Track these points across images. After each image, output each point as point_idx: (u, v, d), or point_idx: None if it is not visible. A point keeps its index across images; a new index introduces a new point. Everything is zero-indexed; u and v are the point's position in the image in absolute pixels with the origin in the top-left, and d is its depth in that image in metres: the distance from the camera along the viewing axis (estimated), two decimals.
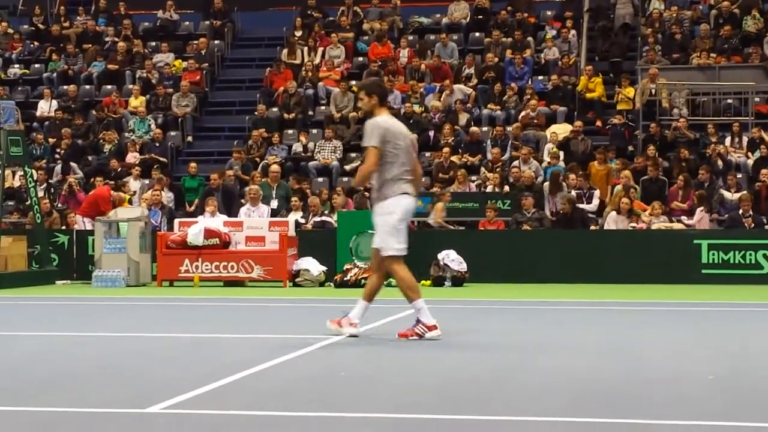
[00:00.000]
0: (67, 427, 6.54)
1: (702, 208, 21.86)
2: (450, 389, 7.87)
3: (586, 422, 6.63)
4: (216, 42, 31.18)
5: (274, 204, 21.99)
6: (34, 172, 22.41)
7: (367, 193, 21.35)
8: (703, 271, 20.22)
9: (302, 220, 21.74)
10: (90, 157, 26.97)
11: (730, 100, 26.25)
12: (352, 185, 11.28)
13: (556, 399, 7.43)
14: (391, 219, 10.59)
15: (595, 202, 22.90)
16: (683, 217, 22.08)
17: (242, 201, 22.90)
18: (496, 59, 28.09)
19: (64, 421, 6.69)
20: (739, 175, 23.50)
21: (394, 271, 10.62)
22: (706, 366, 9.02)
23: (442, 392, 7.74)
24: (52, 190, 25.26)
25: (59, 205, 24.57)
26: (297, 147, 26.52)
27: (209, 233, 19.85)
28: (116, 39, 31.08)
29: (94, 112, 28.53)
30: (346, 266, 19.69)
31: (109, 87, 29.22)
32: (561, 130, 25.54)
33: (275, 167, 23.16)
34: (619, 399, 7.47)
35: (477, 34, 30.04)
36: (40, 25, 32.58)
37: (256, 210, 21.59)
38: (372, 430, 6.46)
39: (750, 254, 20.19)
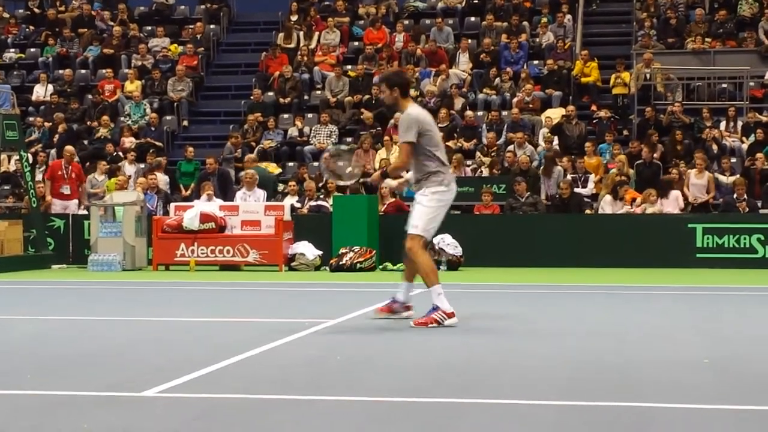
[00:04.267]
0: (63, 410, 6.57)
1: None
2: (446, 373, 7.90)
3: (580, 405, 6.66)
4: (211, 26, 31.18)
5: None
6: (29, 156, 22.41)
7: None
8: (698, 255, 20.25)
9: (298, 205, 21.77)
10: (85, 142, 26.96)
11: (724, 85, 26.28)
12: (388, 171, 11.05)
13: (551, 383, 7.46)
14: (435, 203, 10.48)
15: (590, 185, 22.94)
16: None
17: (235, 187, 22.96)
18: (493, 46, 28.08)
19: (60, 405, 6.71)
20: (734, 160, 23.54)
21: (416, 252, 10.46)
22: (700, 350, 9.06)
23: (438, 376, 7.77)
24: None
25: None
26: (292, 131, 26.54)
27: (205, 217, 19.87)
28: (112, 23, 31.09)
29: (89, 96, 28.53)
30: (342, 250, 19.72)
31: (104, 71, 29.20)
32: (555, 114, 25.56)
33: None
34: (614, 382, 7.50)
35: (472, 18, 30.04)
36: (36, 9, 32.55)
37: (252, 194, 21.62)
38: (368, 414, 6.48)
39: (744, 238, 20.22)
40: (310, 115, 27.21)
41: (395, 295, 11.00)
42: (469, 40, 28.60)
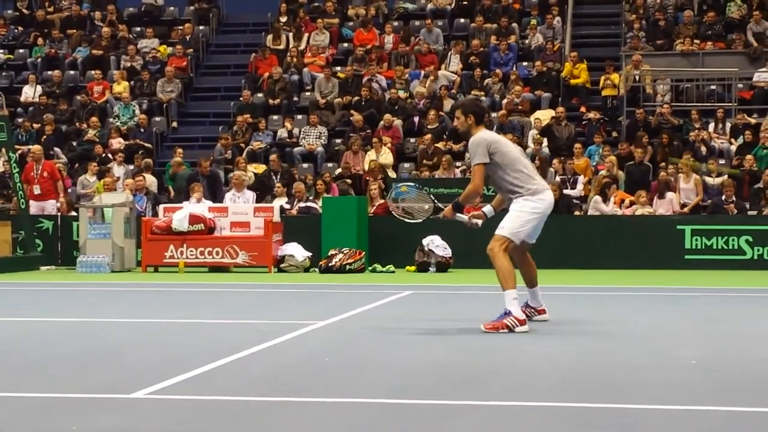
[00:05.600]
0: (51, 412, 6.55)
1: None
2: (436, 375, 7.90)
3: (572, 407, 6.66)
4: (201, 27, 31.14)
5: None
6: (18, 157, 22.37)
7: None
8: (687, 257, 20.29)
9: (287, 206, 21.76)
10: (74, 143, 26.91)
11: (713, 87, 26.33)
12: (460, 199, 10.91)
13: (542, 384, 7.46)
14: (529, 209, 10.44)
15: (579, 187, 22.97)
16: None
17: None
18: (482, 47, 28.13)
19: (48, 407, 6.69)
20: (722, 161, 23.59)
21: (496, 254, 10.36)
22: (689, 351, 9.07)
23: (429, 378, 7.77)
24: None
25: None
26: (282, 133, 26.52)
27: (194, 219, 19.86)
28: (101, 24, 31.05)
29: (78, 97, 28.48)
30: (331, 252, 19.72)
31: (93, 72, 29.15)
32: (544, 116, 25.59)
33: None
34: (604, 384, 7.51)
35: (462, 20, 30.07)
36: (25, 10, 32.50)
37: (241, 196, 21.61)
38: (358, 416, 6.48)
39: (733, 240, 20.26)
40: (299, 117, 27.20)
41: (527, 301, 11.02)
42: (459, 42, 28.61)
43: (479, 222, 10.84)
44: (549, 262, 20.00)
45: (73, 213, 22.08)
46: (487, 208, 10.87)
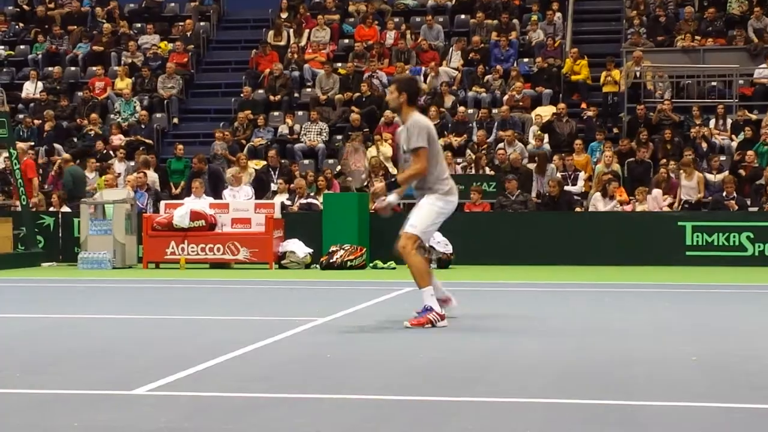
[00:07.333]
0: (52, 409, 6.56)
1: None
2: (435, 371, 7.91)
3: (570, 403, 6.67)
4: (202, 24, 31.15)
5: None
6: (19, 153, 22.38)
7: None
8: (688, 253, 20.28)
9: (288, 202, 21.76)
10: (75, 139, 26.92)
11: (714, 83, 26.32)
12: (402, 179, 10.85)
13: (541, 381, 7.47)
14: (438, 209, 10.45)
15: (580, 183, 22.97)
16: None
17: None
18: (483, 44, 28.12)
19: (49, 403, 6.70)
20: (723, 158, 23.58)
21: (409, 252, 10.31)
22: (689, 347, 9.07)
23: (428, 375, 7.78)
24: (39, 171, 25.19)
25: (46, 186, 24.52)
26: (283, 129, 26.53)
27: (195, 215, 19.86)
28: (103, 21, 31.04)
29: (79, 93, 28.49)
30: (332, 248, 19.72)
31: (94, 68, 29.16)
32: (545, 112, 25.59)
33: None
34: (603, 380, 7.51)
35: (462, 16, 30.06)
36: (26, 6, 32.51)
37: (240, 191, 21.60)
38: (358, 412, 6.49)
39: (734, 236, 20.26)
40: (300, 113, 27.20)
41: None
42: (461, 38, 28.61)
43: (390, 207, 10.77)
44: (549, 259, 20.12)
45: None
46: (393, 197, 10.76)
